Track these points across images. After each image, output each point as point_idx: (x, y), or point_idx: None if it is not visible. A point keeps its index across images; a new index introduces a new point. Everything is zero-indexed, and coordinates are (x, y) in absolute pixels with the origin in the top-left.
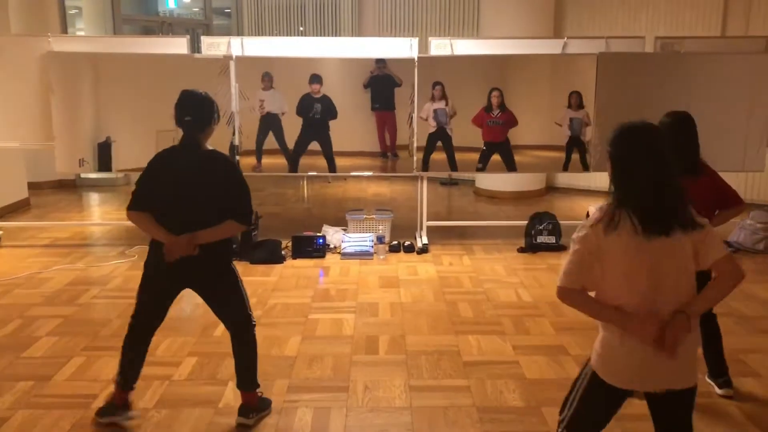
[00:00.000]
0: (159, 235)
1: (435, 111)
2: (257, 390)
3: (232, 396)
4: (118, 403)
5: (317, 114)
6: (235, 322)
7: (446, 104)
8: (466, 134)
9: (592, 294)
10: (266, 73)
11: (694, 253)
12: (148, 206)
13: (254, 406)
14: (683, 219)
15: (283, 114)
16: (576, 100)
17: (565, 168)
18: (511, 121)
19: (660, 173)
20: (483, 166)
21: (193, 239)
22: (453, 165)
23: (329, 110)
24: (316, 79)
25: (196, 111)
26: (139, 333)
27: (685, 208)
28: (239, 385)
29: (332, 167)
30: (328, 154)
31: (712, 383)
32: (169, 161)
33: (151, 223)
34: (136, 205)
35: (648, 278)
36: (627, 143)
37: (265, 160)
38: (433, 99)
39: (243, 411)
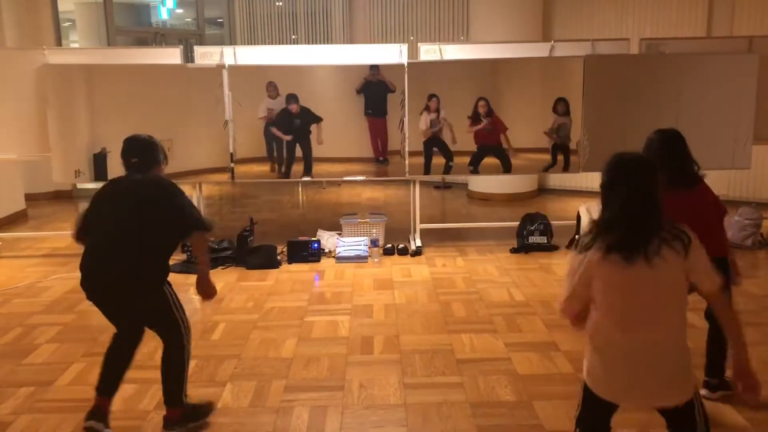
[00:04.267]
0: None
1: (431, 122)
2: (185, 403)
3: (230, 397)
4: (94, 410)
5: (298, 126)
6: (166, 342)
7: (438, 116)
8: (459, 138)
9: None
10: (271, 82)
11: (687, 276)
12: (83, 233)
13: (175, 419)
14: (663, 241)
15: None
16: (563, 108)
17: (546, 170)
18: (500, 124)
19: (639, 205)
20: (474, 168)
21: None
22: (447, 169)
23: (308, 119)
24: (293, 99)
25: (141, 153)
26: (117, 348)
27: (664, 231)
28: (164, 400)
29: (309, 170)
30: (308, 158)
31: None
32: (107, 189)
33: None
34: (76, 234)
35: (625, 303)
36: (612, 173)
37: (260, 167)
38: (428, 110)
39: (165, 423)
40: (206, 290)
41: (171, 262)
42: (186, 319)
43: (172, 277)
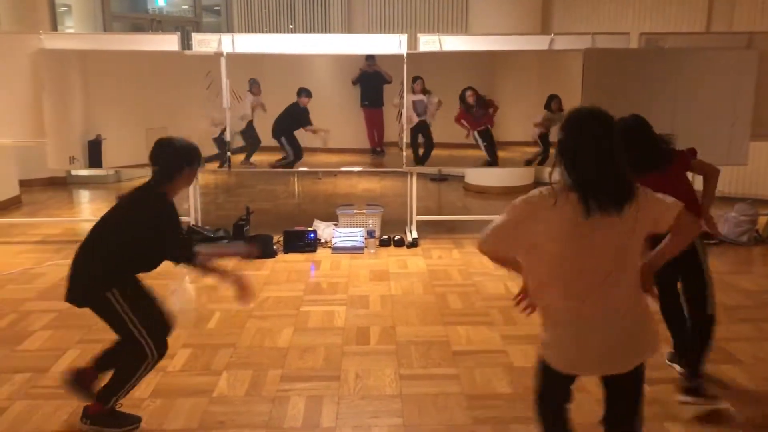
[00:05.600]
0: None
1: (414, 102)
2: (112, 407)
3: (225, 386)
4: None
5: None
6: (124, 344)
7: (426, 96)
8: (454, 131)
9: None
10: (253, 79)
11: (653, 222)
12: None
13: (95, 415)
14: (627, 197)
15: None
16: (556, 105)
17: (540, 162)
18: (491, 107)
19: (604, 158)
20: (488, 144)
21: None
22: (425, 158)
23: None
24: (304, 92)
25: (165, 161)
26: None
27: (629, 188)
28: (98, 391)
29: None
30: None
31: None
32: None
33: None
34: None
35: (582, 259)
36: (573, 129)
37: (257, 157)
38: (413, 92)
39: (83, 414)
40: (244, 292)
41: None
42: (150, 341)
43: (165, 265)
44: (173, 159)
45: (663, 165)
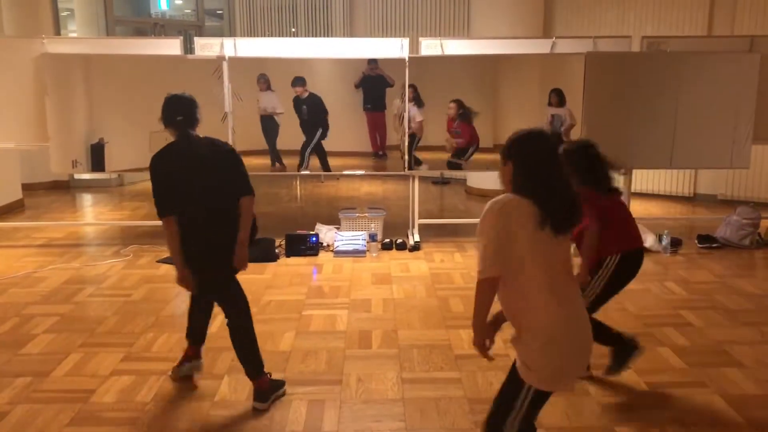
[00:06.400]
0: (176, 261)
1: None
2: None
3: (227, 390)
4: (190, 354)
5: (304, 115)
6: (228, 315)
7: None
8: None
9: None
10: (262, 74)
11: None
12: (174, 207)
13: (263, 391)
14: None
15: (278, 114)
16: (555, 99)
17: None
18: (470, 137)
19: (560, 174)
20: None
21: (243, 255)
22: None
23: (315, 110)
24: (298, 81)
25: (186, 110)
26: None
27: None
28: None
29: (324, 166)
30: (320, 153)
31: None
32: (175, 158)
33: (175, 243)
34: (164, 210)
35: (552, 259)
36: (533, 145)
37: (259, 160)
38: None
39: (255, 398)
40: (243, 259)
41: (164, 256)
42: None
43: (167, 269)
44: (197, 108)
45: (607, 192)
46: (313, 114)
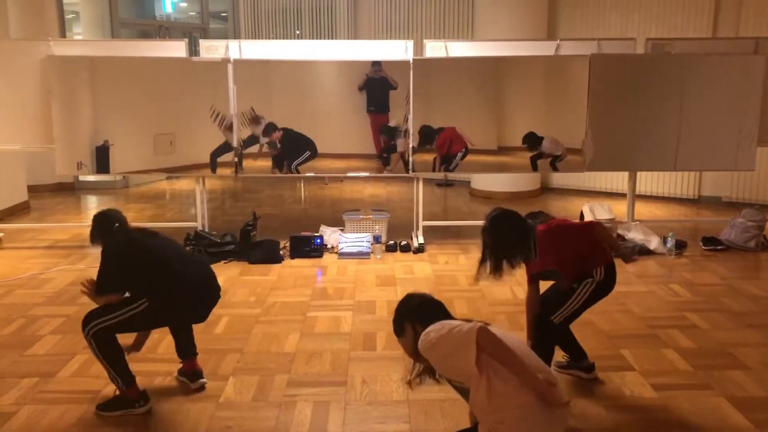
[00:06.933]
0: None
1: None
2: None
3: (232, 391)
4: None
5: (284, 152)
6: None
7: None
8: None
9: None
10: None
11: None
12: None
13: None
14: None
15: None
16: (529, 143)
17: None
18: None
19: None
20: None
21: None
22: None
23: (293, 143)
24: (269, 129)
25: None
26: None
27: None
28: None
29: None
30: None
31: (578, 371)
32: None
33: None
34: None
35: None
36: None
37: (261, 163)
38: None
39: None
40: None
41: None
42: None
43: None
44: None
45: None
46: (290, 149)
